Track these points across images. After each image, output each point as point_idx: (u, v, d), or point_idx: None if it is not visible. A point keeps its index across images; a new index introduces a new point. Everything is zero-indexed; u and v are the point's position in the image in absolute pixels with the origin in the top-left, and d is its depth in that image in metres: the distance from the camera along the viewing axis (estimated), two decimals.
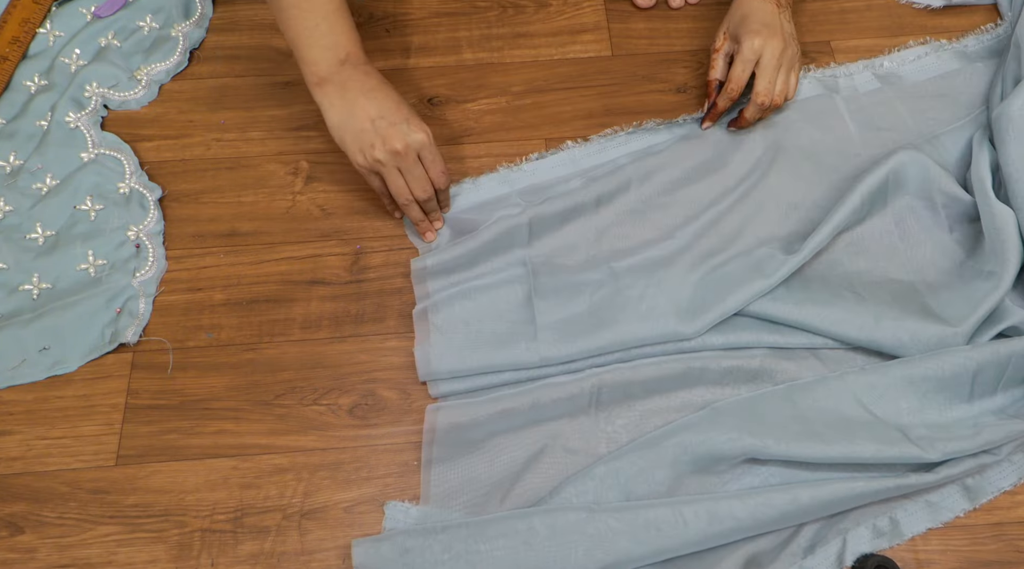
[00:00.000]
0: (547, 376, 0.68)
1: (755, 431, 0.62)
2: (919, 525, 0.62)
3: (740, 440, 0.61)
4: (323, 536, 0.63)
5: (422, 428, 0.66)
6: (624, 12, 0.88)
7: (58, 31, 0.85)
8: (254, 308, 0.72)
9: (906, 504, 0.62)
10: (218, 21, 0.88)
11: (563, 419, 0.66)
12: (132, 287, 0.72)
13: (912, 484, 0.60)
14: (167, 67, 0.84)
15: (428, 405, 0.67)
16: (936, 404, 0.64)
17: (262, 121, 0.82)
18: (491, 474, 0.64)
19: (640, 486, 0.62)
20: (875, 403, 0.64)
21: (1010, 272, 0.67)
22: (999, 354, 0.63)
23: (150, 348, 0.70)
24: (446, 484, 0.64)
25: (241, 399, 0.68)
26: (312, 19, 0.68)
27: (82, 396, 0.68)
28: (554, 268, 0.72)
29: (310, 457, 0.66)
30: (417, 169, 0.70)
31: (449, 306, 0.70)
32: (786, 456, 0.61)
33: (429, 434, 0.66)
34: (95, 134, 0.79)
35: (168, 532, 0.63)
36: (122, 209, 0.75)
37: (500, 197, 0.77)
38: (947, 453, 0.61)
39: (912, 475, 0.61)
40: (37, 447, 0.66)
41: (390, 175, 0.69)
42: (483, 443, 0.65)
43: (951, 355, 0.64)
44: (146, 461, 0.66)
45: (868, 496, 0.60)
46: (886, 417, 0.63)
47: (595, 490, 0.61)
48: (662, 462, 0.62)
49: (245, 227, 0.76)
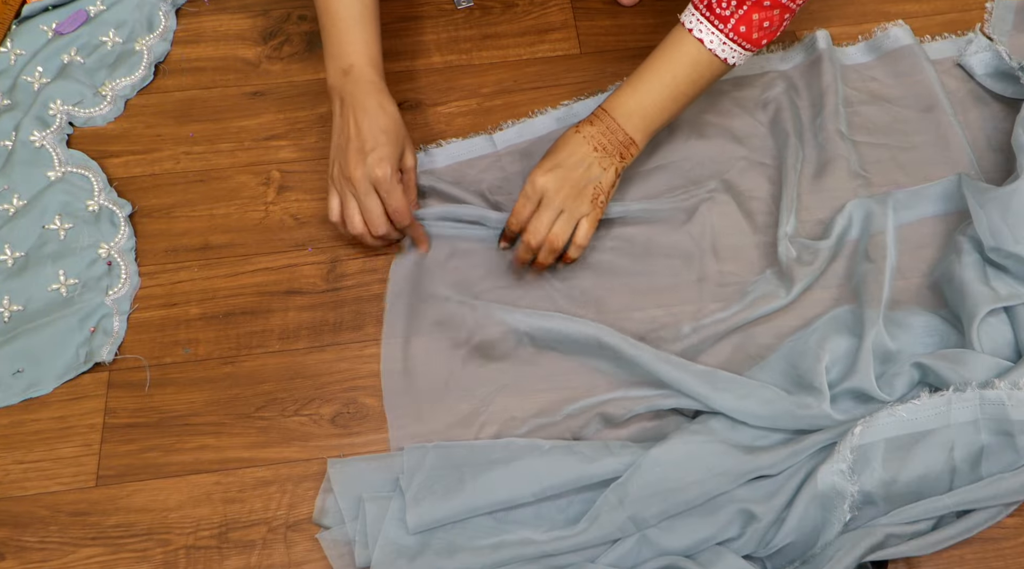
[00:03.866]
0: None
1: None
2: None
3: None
4: (310, 547, 0.62)
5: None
6: (591, 10, 0.89)
7: (19, 49, 0.84)
8: (231, 321, 0.71)
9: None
10: (182, 33, 0.87)
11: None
12: (105, 305, 0.71)
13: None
14: (132, 82, 0.83)
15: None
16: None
17: (231, 132, 0.81)
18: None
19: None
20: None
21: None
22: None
23: (126, 366, 0.69)
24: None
25: (221, 413, 0.67)
26: (329, 25, 0.70)
27: (59, 418, 0.67)
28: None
29: (293, 468, 0.65)
30: (369, 201, 0.67)
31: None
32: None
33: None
34: (61, 152, 0.78)
35: (152, 551, 0.62)
36: (92, 227, 0.74)
37: (484, 154, 0.80)
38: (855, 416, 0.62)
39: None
40: (14, 472, 0.65)
41: (345, 201, 0.68)
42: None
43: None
44: (127, 480, 0.65)
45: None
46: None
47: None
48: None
49: (218, 240, 0.75)
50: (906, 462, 0.60)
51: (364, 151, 0.66)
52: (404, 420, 0.67)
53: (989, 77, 0.83)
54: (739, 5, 0.64)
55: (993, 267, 0.68)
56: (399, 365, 0.69)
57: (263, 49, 0.86)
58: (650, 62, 0.69)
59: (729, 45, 0.66)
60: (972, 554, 0.61)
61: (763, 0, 0.63)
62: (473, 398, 0.67)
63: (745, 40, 0.65)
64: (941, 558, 0.60)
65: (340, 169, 0.67)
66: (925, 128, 0.79)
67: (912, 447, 0.60)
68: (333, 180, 0.69)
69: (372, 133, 0.67)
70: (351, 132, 0.67)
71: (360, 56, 0.69)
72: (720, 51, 0.66)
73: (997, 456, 0.60)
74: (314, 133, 0.81)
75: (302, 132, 0.81)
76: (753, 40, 0.65)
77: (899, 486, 0.60)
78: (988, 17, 0.87)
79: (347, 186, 0.67)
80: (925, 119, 0.80)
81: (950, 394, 0.61)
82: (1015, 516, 0.62)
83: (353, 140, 0.67)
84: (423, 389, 0.68)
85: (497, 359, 0.69)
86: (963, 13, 0.87)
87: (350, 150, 0.67)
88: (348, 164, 0.66)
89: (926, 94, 0.81)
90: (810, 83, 0.82)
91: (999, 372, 0.62)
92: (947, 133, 0.79)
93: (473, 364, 0.69)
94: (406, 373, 0.69)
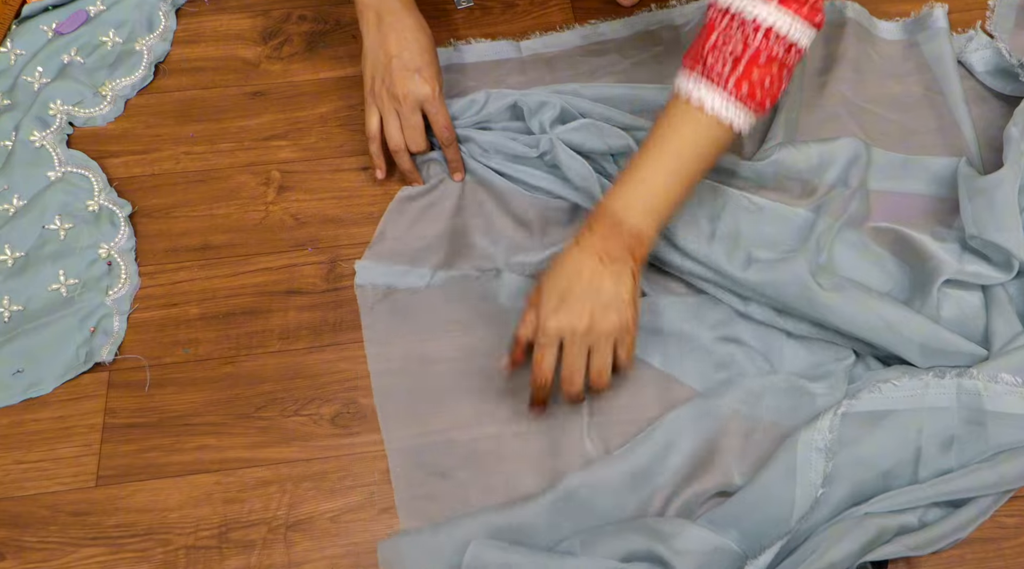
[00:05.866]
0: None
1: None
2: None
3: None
4: (310, 547, 0.62)
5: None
6: (591, 10, 0.89)
7: (19, 49, 0.84)
8: (231, 321, 0.71)
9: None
10: (182, 33, 0.87)
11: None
12: (106, 305, 0.71)
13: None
14: (132, 82, 0.83)
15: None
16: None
17: (231, 132, 0.81)
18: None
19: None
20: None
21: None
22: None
23: (127, 366, 0.69)
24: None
25: (221, 413, 0.67)
26: None
27: (59, 418, 0.67)
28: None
29: (293, 468, 0.65)
30: (415, 118, 0.70)
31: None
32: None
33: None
34: (61, 152, 0.78)
35: (152, 551, 0.62)
36: (92, 227, 0.74)
37: (509, 58, 0.83)
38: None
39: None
40: (14, 472, 0.65)
41: (387, 117, 0.70)
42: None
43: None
44: (127, 480, 0.65)
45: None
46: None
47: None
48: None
49: (218, 240, 0.75)
50: (871, 435, 0.60)
51: (410, 68, 0.68)
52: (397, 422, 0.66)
53: (989, 74, 0.83)
54: (735, 65, 0.58)
55: (968, 252, 0.68)
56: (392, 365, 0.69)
57: (263, 49, 0.86)
58: (645, 147, 0.61)
59: (734, 105, 0.59)
60: (972, 554, 0.61)
61: (759, 57, 0.58)
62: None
63: (750, 99, 0.59)
64: (941, 558, 0.60)
65: (384, 85, 0.68)
66: (936, 113, 0.79)
67: (879, 422, 0.61)
68: (374, 95, 0.70)
69: (417, 50, 0.69)
70: (392, 48, 0.68)
71: None
72: (724, 114, 0.59)
73: (966, 444, 0.61)
74: (314, 133, 0.81)
75: (302, 132, 0.81)
76: (757, 101, 0.59)
77: (861, 456, 0.60)
78: (990, 15, 0.87)
79: (391, 102, 0.69)
80: (937, 103, 0.80)
81: (928, 378, 0.62)
82: (1015, 516, 0.62)
83: (396, 57, 0.68)
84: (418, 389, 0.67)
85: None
86: (964, 13, 0.87)
87: (394, 67, 0.68)
88: (394, 81, 0.68)
89: (944, 79, 0.81)
90: (827, 47, 0.83)
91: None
92: (958, 121, 0.78)
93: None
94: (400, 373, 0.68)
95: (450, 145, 0.73)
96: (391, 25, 0.69)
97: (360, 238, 0.75)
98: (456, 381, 0.67)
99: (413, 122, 0.70)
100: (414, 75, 0.69)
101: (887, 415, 0.61)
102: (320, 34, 0.87)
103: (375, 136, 0.73)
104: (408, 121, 0.70)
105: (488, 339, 0.68)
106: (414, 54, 0.69)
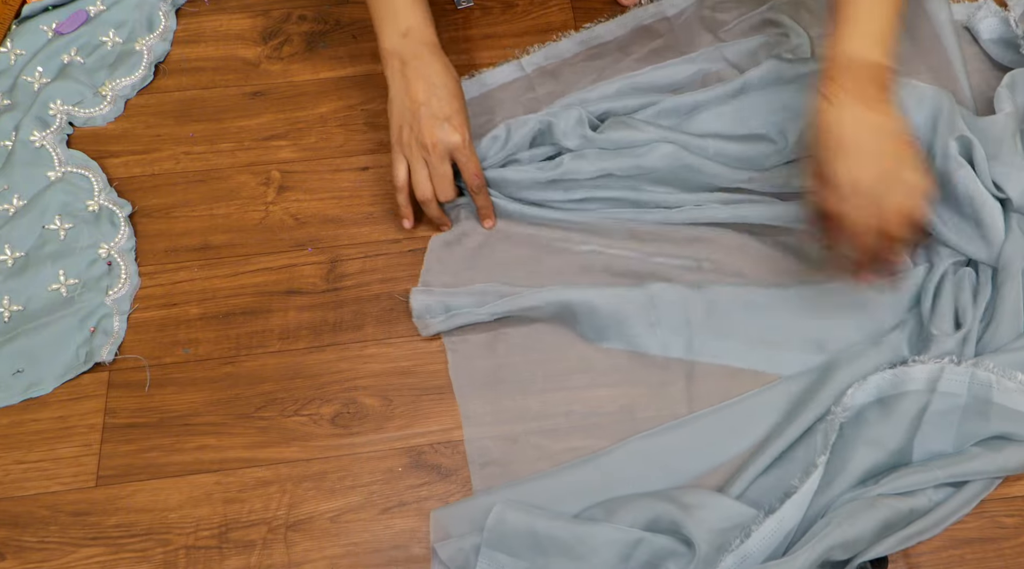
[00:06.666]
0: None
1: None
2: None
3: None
4: (310, 547, 0.62)
5: (405, 434, 0.66)
6: (591, 10, 0.89)
7: (19, 49, 0.84)
8: (231, 321, 0.71)
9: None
10: (182, 33, 0.87)
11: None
12: (105, 305, 0.71)
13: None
14: (132, 82, 0.83)
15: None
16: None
17: (231, 132, 0.81)
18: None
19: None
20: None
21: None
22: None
23: (127, 366, 0.69)
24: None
25: (221, 413, 0.67)
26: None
27: (59, 418, 0.67)
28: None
29: (293, 468, 0.65)
30: (443, 168, 0.68)
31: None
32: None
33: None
34: (61, 152, 0.78)
35: (152, 551, 0.62)
36: (92, 227, 0.74)
37: (514, 78, 0.82)
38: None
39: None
40: (14, 472, 0.65)
41: (415, 166, 0.68)
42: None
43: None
44: (127, 480, 0.65)
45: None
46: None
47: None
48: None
49: (218, 240, 0.75)
50: (884, 415, 0.62)
51: (439, 117, 0.66)
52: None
53: (993, 43, 0.82)
54: None
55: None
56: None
57: (263, 49, 0.86)
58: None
59: None
60: (972, 554, 0.61)
61: None
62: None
63: None
64: (941, 558, 0.60)
65: (412, 134, 0.67)
66: (930, 64, 0.78)
67: (893, 403, 0.62)
68: (402, 145, 0.68)
69: (445, 98, 0.67)
70: (420, 96, 0.67)
71: (417, 18, 0.69)
72: None
73: (968, 430, 0.62)
74: (314, 133, 0.81)
75: (302, 132, 0.81)
76: None
77: (871, 436, 0.61)
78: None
79: (420, 152, 0.67)
80: (931, 52, 0.79)
81: (945, 363, 0.62)
82: (1015, 516, 0.62)
83: (424, 105, 0.66)
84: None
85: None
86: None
87: (422, 115, 0.66)
88: (423, 130, 0.66)
89: (939, 33, 0.79)
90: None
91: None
92: (953, 74, 0.77)
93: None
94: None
95: (480, 192, 0.71)
96: (417, 70, 0.67)
97: (360, 238, 0.75)
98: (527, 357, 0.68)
99: (442, 171, 0.68)
100: (443, 123, 0.66)
101: (901, 397, 0.62)
102: (320, 34, 0.87)
103: (403, 186, 0.70)
104: (437, 170, 0.68)
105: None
106: (443, 101, 0.67)
